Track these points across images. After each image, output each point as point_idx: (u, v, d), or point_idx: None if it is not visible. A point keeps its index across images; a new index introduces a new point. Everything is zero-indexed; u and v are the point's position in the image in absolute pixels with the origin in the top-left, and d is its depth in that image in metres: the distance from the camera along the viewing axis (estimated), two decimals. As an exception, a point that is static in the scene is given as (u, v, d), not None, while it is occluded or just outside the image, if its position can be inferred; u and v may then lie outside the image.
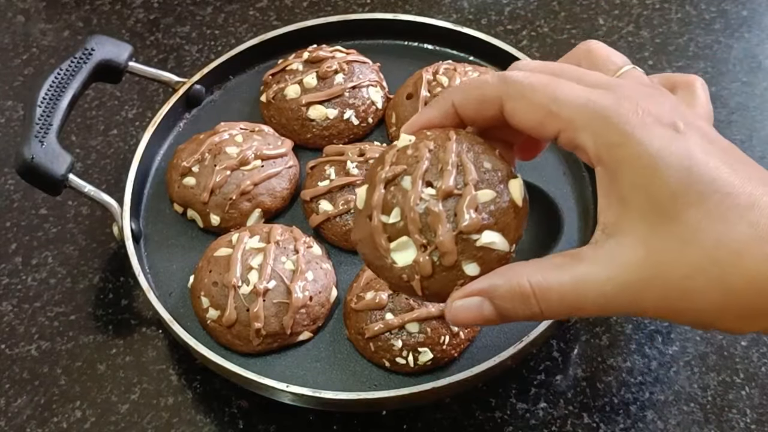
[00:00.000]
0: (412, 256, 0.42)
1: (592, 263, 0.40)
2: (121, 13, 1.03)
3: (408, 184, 0.43)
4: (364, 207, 0.44)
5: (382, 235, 0.43)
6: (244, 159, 0.76)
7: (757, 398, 0.69)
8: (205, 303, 0.69)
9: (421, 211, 0.42)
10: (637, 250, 0.39)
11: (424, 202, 0.42)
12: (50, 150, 0.73)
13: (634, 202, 0.39)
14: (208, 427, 0.69)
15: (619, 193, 0.40)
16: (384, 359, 0.67)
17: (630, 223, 0.40)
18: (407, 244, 0.42)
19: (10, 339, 0.75)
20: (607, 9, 1.00)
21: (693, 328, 0.71)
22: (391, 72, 0.86)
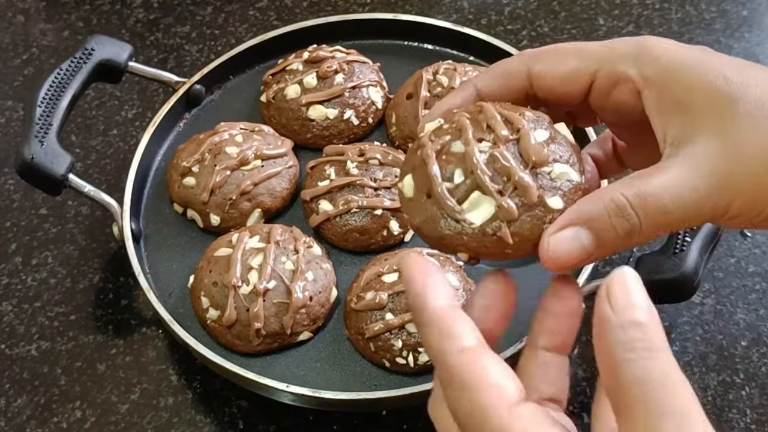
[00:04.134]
0: (490, 208, 0.40)
1: (678, 167, 0.39)
2: (121, 13, 1.03)
3: (460, 146, 0.41)
4: (416, 191, 0.42)
5: (450, 199, 0.40)
6: (244, 159, 0.76)
7: (757, 398, 0.69)
8: (205, 303, 0.69)
9: (484, 161, 0.40)
10: (713, 143, 0.39)
11: (483, 154, 0.41)
12: (50, 150, 0.73)
13: (695, 102, 0.39)
14: (208, 427, 0.69)
15: (676, 101, 0.40)
16: (384, 359, 0.67)
17: (696, 124, 0.39)
18: (479, 199, 0.40)
19: (10, 339, 0.75)
20: (608, 9, 1.00)
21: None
22: (391, 72, 0.86)
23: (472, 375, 0.37)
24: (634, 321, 0.35)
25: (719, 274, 0.76)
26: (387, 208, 0.73)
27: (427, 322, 0.39)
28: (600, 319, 0.36)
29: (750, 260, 0.77)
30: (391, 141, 0.82)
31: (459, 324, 0.38)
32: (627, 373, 0.34)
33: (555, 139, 0.42)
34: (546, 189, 0.40)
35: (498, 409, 0.36)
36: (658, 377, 0.34)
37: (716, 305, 0.75)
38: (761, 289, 0.75)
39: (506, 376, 0.37)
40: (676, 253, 0.65)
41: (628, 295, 0.35)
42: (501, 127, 0.41)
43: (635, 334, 0.35)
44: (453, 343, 0.38)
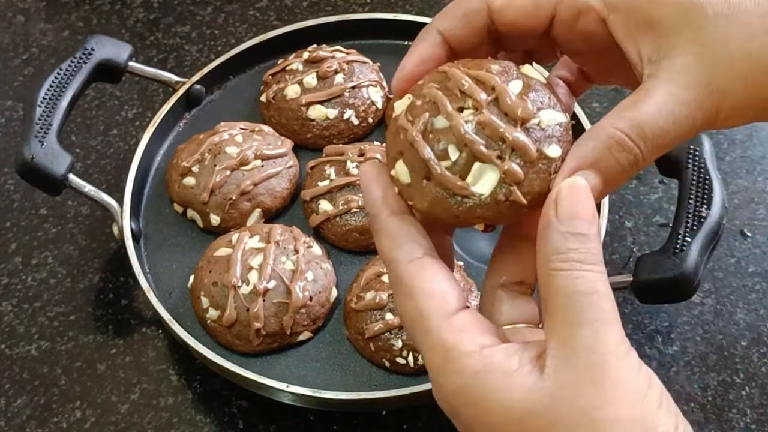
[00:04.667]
0: (495, 175, 0.40)
1: (663, 86, 0.39)
2: (121, 12, 1.03)
3: (443, 121, 0.41)
4: (413, 175, 0.42)
5: (454, 178, 0.40)
6: (244, 159, 0.76)
7: (757, 398, 0.69)
8: (205, 303, 0.69)
9: (474, 131, 0.40)
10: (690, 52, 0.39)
11: (470, 124, 0.40)
12: (50, 150, 0.73)
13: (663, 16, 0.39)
14: (208, 427, 0.69)
15: (644, 19, 0.40)
16: (384, 359, 0.67)
17: (669, 36, 0.39)
18: (481, 169, 0.40)
19: (10, 339, 0.75)
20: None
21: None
22: (391, 72, 0.83)
23: (416, 284, 0.39)
24: (574, 232, 0.37)
25: (719, 274, 0.76)
26: (387, 208, 0.73)
27: (380, 230, 0.41)
28: (543, 224, 0.38)
29: (750, 260, 0.77)
30: (391, 141, 0.82)
31: (409, 234, 0.41)
32: (556, 282, 0.37)
33: (530, 86, 0.41)
34: (541, 140, 0.40)
35: (437, 315, 0.39)
36: (583, 289, 0.36)
37: (716, 305, 0.74)
38: (761, 289, 0.75)
39: (448, 287, 0.39)
40: (676, 252, 0.65)
41: (575, 204, 0.37)
42: (477, 92, 0.41)
43: (572, 245, 0.37)
44: (402, 252, 0.40)
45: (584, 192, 0.38)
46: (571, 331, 0.36)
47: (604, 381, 0.35)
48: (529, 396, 0.36)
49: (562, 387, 0.36)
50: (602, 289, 0.37)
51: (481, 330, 0.39)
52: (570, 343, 0.36)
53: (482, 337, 0.38)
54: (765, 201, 0.81)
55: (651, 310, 0.74)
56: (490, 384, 0.37)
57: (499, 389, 0.37)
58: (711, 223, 0.65)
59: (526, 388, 0.36)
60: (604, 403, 0.35)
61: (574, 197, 0.38)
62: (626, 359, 0.36)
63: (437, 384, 0.39)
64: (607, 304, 0.36)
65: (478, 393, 0.37)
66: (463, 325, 0.39)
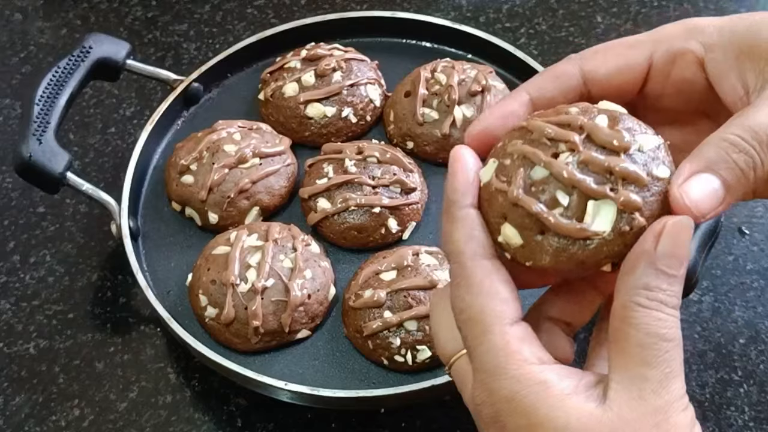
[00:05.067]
0: (611, 208, 0.38)
1: None
2: (119, 11, 1.03)
3: (541, 170, 0.40)
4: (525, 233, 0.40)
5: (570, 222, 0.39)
6: (242, 157, 0.76)
7: (755, 395, 0.69)
8: (204, 301, 0.69)
9: (577, 170, 0.39)
10: None
11: (571, 165, 0.39)
12: (48, 148, 0.73)
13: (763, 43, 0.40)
14: (207, 425, 0.69)
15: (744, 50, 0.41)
16: (382, 357, 0.67)
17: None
18: (597, 206, 0.39)
19: (8, 337, 0.75)
20: (606, 7, 1.00)
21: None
22: (390, 70, 0.86)
23: (485, 282, 0.39)
24: (669, 271, 0.37)
25: (717, 271, 0.76)
26: (385, 206, 0.73)
27: (458, 219, 0.41)
28: (637, 253, 0.37)
29: (748, 258, 0.77)
30: (389, 139, 0.82)
31: (483, 231, 0.40)
32: (637, 318, 0.36)
33: (615, 117, 0.40)
34: (648, 164, 0.39)
35: (500, 318, 0.39)
36: (664, 333, 0.36)
37: (714, 303, 0.75)
38: (759, 287, 0.75)
39: (514, 296, 0.40)
40: (675, 250, 0.65)
41: (677, 242, 0.37)
42: (567, 134, 0.40)
43: (662, 284, 0.37)
44: (475, 247, 0.40)
45: (688, 231, 0.37)
46: (644, 371, 0.36)
47: (667, 427, 0.36)
48: (588, 420, 0.37)
49: (626, 422, 0.36)
50: (679, 337, 0.37)
51: (539, 345, 0.39)
52: (639, 383, 0.36)
53: (541, 353, 0.39)
54: (763, 199, 0.81)
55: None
56: (547, 399, 0.37)
57: (557, 406, 0.37)
58: (709, 221, 0.65)
59: (585, 412, 0.37)
60: None
61: (679, 234, 0.37)
62: (685, 412, 0.37)
63: (486, 386, 0.39)
64: (680, 354, 0.37)
65: (532, 404, 0.37)
66: (524, 335, 0.39)
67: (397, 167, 0.75)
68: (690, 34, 0.42)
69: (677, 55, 0.42)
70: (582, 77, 0.44)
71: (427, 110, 0.79)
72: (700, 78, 0.43)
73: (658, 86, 0.44)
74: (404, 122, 0.80)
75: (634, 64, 0.43)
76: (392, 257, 0.70)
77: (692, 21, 0.43)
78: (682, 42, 0.42)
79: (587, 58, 0.44)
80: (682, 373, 0.37)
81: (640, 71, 0.43)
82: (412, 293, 0.67)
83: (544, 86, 0.44)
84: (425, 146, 0.79)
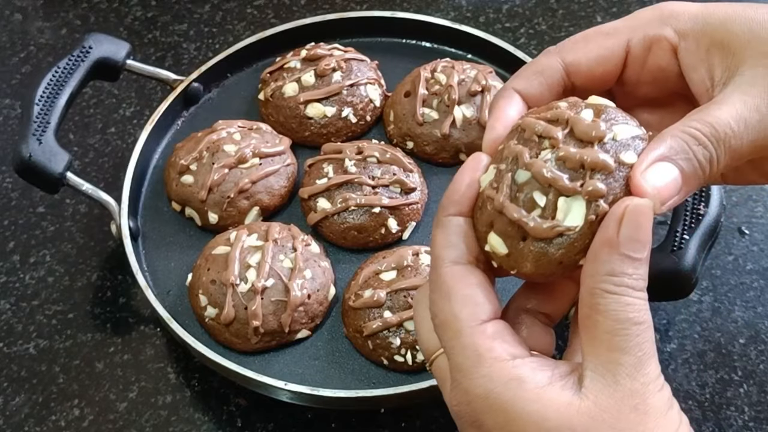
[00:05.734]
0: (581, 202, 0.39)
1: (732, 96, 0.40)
2: (119, 11, 1.03)
3: (523, 173, 0.40)
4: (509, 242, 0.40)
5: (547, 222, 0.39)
6: (242, 157, 0.76)
7: (755, 396, 0.69)
8: (204, 301, 0.69)
9: (555, 167, 0.40)
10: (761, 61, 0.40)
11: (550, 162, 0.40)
12: (48, 148, 0.72)
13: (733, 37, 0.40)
14: (207, 425, 0.69)
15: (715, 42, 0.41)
16: (382, 357, 0.67)
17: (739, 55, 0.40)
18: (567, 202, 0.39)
19: (8, 337, 0.75)
20: (605, 6, 1.00)
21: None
22: (389, 70, 0.86)
23: (455, 287, 0.40)
24: (633, 255, 0.37)
25: (717, 271, 0.76)
26: (385, 206, 0.73)
27: (440, 225, 0.42)
28: (601, 241, 0.37)
29: (748, 258, 0.77)
30: (389, 139, 0.82)
31: (464, 237, 0.41)
32: (605, 305, 0.37)
33: (600, 110, 0.41)
34: (618, 150, 0.39)
35: (470, 320, 0.39)
36: (633, 317, 0.37)
37: (714, 303, 0.75)
38: (759, 287, 0.75)
39: (485, 296, 0.40)
40: (674, 250, 0.65)
41: (638, 226, 0.37)
42: (552, 130, 0.40)
43: (628, 269, 0.37)
44: (450, 253, 0.41)
45: (649, 214, 0.37)
46: (616, 356, 0.37)
47: (645, 409, 0.36)
48: (566, 410, 0.37)
49: (603, 409, 0.36)
50: (648, 319, 0.37)
51: (512, 341, 0.40)
52: (612, 368, 0.37)
53: (514, 348, 0.39)
54: (763, 199, 0.81)
55: (649, 307, 0.74)
56: (522, 393, 0.38)
57: (533, 399, 0.37)
58: (709, 221, 0.65)
59: (562, 403, 0.37)
60: (643, 430, 0.36)
61: (640, 219, 0.37)
62: (662, 392, 0.37)
63: (461, 387, 0.39)
64: (650, 335, 0.37)
65: (508, 400, 0.38)
66: (496, 333, 0.39)
67: (397, 167, 0.75)
68: (665, 20, 0.43)
69: (653, 42, 0.43)
70: (564, 70, 0.44)
71: (427, 110, 0.79)
72: (674, 66, 0.43)
73: (634, 74, 0.44)
74: (404, 122, 0.80)
75: (613, 52, 0.44)
76: (392, 257, 0.70)
77: (668, 6, 0.43)
78: (657, 28, 0.43)
79: (567, 50, 0.44)
80: (655, 354, 0.37)
81: (618, 59, 0.44)
82: (412, 293, 0.67)
83: (530, 84, 0.44)
84: (425, 146, 0.79)
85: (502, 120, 0.44)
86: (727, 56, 0.41)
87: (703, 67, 0.42)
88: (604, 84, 0.45)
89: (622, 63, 0.44)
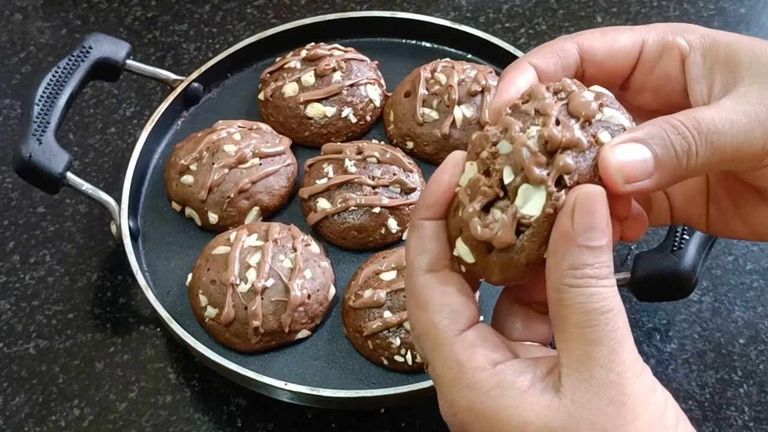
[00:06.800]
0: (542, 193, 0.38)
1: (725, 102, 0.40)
2: (119, 11, 1.03)
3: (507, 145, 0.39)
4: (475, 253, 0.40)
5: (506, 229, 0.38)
6: (242, 157, 0.76)
7: (755, 396, 0.69)
8: (204, 301, 0.69)
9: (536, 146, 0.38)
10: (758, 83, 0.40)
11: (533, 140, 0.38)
12: (48, 148, 0.72)
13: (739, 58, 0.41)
14: (207, 425, 0.69)
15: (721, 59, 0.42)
16: (382, 357, 0.67)
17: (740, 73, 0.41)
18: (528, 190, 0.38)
19: (8, 337, 0.75)
20: (605, 7, 1.00)
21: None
22: (389, 70, 0.86)
23: (431, 295, 0.40)
24: (590, 245, 0.36)
25: (717, 271, 0.76)
26: (385, 206, 0.73)
27: (413, 228, 0.41)
28: (558, 235, 0.37)
29: (748, 258, 0.77)
30: (389, 139, 0.82)
31: (438, 241, 0.41)
32: (571, 299, 0.36)
33: (601, 94, 0.41)
34: (597, 129, 0.39)
35: (449, 329, 0.39)
36: (599, 307, 0.36)
37: (714, 303, 0.75)
38: (759, 287, 0.75)
39: (462, 303, 0.40)
40: (675, 250, 0.65)
41: (591, 214, 0.37)
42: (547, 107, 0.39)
43: (588, 259, 0.36)
44: (423, 260, 0.40)
45: (601, 200, 0.37)
46: (588, 349, 0.36)
47: (622, 400, 0.36)
48: (546, 412, 0.37)
49: (580, 405, 0.36)
50: (617, 305, 0.37)
51: (493, 345, 0.39)
52: (586, 362, 0.36)
53: (494, 353, 0.39)
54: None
55: (649, 307, 0.74)
56: (504, 400, 0.37)
57: (513, 405, 0.37)
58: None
59: (542, 405, 0.37)
60: (623, 422, 0.36)
61: (591, 206, 0.37)
62: (642, 377, 0.37)
63: (447, 399, 0.39)
64: (621, 321, 0.36)
65: (491, 408, 0.38)
66: (475, 340, 0.39)
67: (397, 167, 0.75)
68: (679, 32, 0.44)
69: (665, 47, 0.43)
70: (579, 56, 0.44)
71: (427, 110, 0.79)
72: (680, 77, 0.44)
73: (641, 78, 0.45)
74: (404, 122, 0.80)
75: (627, 47, 0.44)
76: (392, 257, 0.70)
77: (683, 23, 0.45)
78: (671, 35, 0.44)
79: (584, 37, 0.44)
80: (629, 339, 0.37)
81: (632, 56, 0.44)
82: (412, 293, 0.67)
83: (546, 61, 0.44)
84: (425, 146, 0.79)
85: (511, 88, 0.43)
86: (727, 74, 0.41)
87: (705, 81, 0.42)
88: (611, 81, 0.45)
89: (635, 62, 0.44)
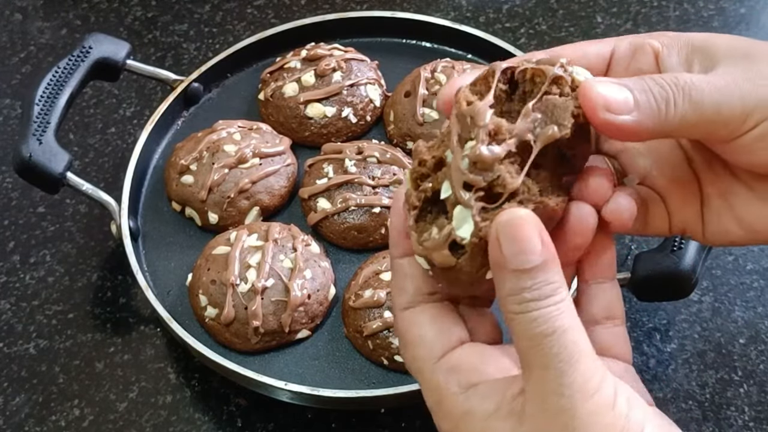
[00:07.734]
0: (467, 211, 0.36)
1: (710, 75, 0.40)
2: (119, 11, 1.03)
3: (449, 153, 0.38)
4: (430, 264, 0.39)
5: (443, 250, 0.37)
6: (242, 157, 0.76)
7: (755, 395, 0.69)
8: (204, 301, 0.69)
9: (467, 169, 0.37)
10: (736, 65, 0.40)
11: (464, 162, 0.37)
12: (48, 148, 0.73)
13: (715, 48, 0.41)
14: (207, 425, 0.69)
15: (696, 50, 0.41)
16: (382, 357, 0.67)
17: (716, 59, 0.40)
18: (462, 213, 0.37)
19: (8, 337, 0.75)
20: (606, 7, 1.00)
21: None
22: (389, 70, 0.86)
23: (408, 331, 0.41)
24: (523, 267, 0.36)
25: (717, 271, 0.76)
26: (385, 206, 0.73)
27: (392, 268, 0.42)
28: (493, 263, 0.37)
29: (748, 258, 0.77)
30: (389, 139, 0.82)
31: (411, 277, 0.41)
32: (515, 327, 0.36)
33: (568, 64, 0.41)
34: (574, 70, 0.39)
35: (426, 359, 0.40)
36: (541, 330, 0.35)
37: (714, 303, 0.75)
38: (759, 287, 0.75)
39: (435, 333, 0.40)
40: (674, 250, 0.65)
41: (516, 238, 0.36)
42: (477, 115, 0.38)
43: (524, 283, 0.36)
44: (400, 299, 0.41)
45: (524, 221, 0.36)
46: (538, 374, 0.36)
47: (573, 424, 0.35)
48: None
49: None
50: (564, 323, 0.35)
51: (469, 367, 0.39)
52: (539, 388, 0.36)
53: (469, 375, 0.39)
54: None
55: (649, 307, 0.74)
56: (472, 427, 0.38)
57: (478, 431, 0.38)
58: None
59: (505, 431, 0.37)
60: None
61: (514, 229, 0.36)
62: (596, 396, 0.36)
63: (436, 422, 0.40)
64: (569, 338, 0.35)
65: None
66: (452, 366, 0.40)
67: (397, 167, 0.75)
68: (650, 35, 0.44)
69: (637, 48, 0.43)
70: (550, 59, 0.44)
71: (427, 110, 0.79)
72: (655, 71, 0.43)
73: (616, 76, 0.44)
74: (404, 122, 0.80)
75: (598, 52, 0.44)
76: (392, 257, 0.70)
77: None
78: (642, 38, 0.44)
79: (554, 49, 0.44)
80: (581, 354, 0.35)
81: (603, 59, 0.44)
82: (412, 293, 0.67)
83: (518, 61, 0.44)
84: (425, 146, 0.79)
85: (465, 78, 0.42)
86: (705, 60, 0.41)
87: (683, 68, 0.42)
88: None
89: (606, 64, 0.44)
